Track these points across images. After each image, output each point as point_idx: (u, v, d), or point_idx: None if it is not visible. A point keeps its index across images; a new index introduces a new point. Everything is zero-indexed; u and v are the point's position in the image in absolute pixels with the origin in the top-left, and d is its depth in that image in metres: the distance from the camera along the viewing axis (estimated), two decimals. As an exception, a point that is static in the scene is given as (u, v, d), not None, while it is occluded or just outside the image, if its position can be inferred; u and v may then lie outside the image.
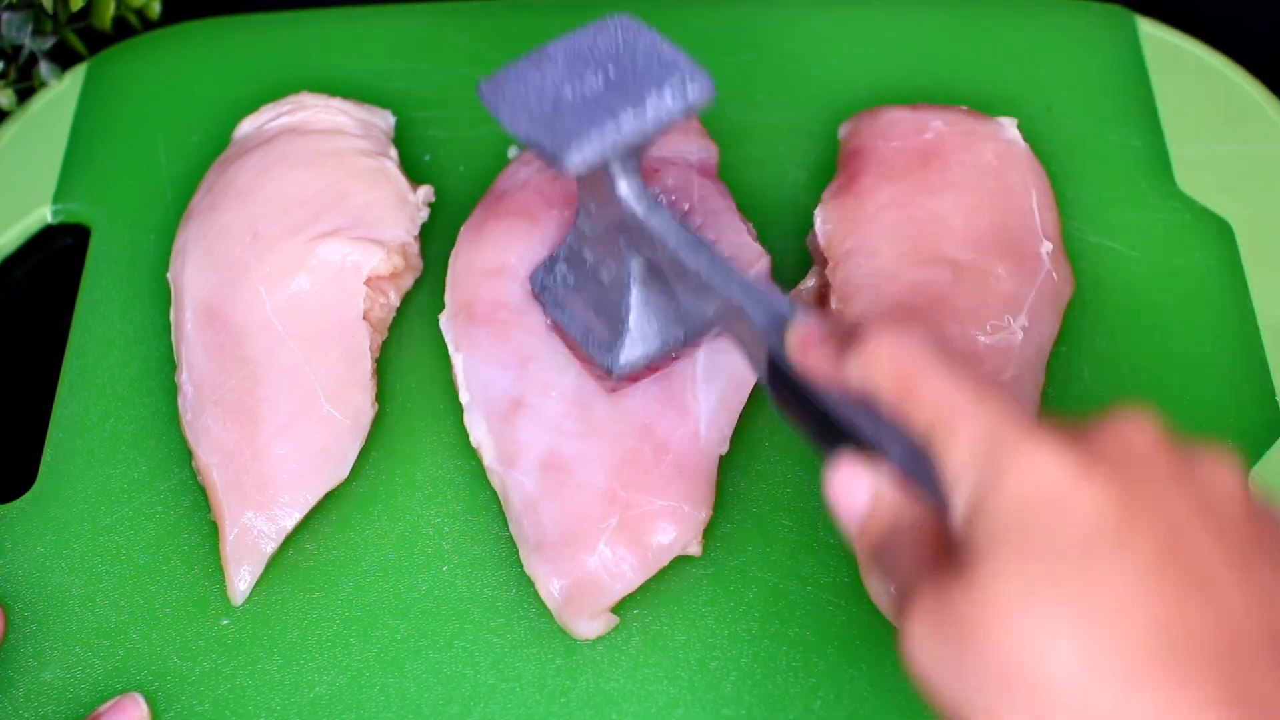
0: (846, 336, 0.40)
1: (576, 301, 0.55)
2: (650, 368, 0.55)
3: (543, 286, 0.57)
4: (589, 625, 0.52)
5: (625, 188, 0.50)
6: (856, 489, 0.40)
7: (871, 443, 0.39)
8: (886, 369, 0.39)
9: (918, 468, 0.38)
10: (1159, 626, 0.33)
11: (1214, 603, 0.33)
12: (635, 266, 0.52)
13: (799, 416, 0.43)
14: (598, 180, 0.50)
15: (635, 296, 0.53)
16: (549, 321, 0.57)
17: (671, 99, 0.48)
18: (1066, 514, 0.34)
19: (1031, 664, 0.33)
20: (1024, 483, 0.35)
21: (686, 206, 0.59)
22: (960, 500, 0.36)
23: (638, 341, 0.53)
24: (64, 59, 0.74)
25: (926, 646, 0.36)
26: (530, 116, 0.48)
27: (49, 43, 0.72)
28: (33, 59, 0.73)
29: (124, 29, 0.76)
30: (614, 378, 0.54)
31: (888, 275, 0.57)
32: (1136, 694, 0.32)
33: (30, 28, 0.71)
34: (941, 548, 0.38)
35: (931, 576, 0.36)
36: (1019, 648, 0.33)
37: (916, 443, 0.38)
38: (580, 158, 0.47)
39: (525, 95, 0.49)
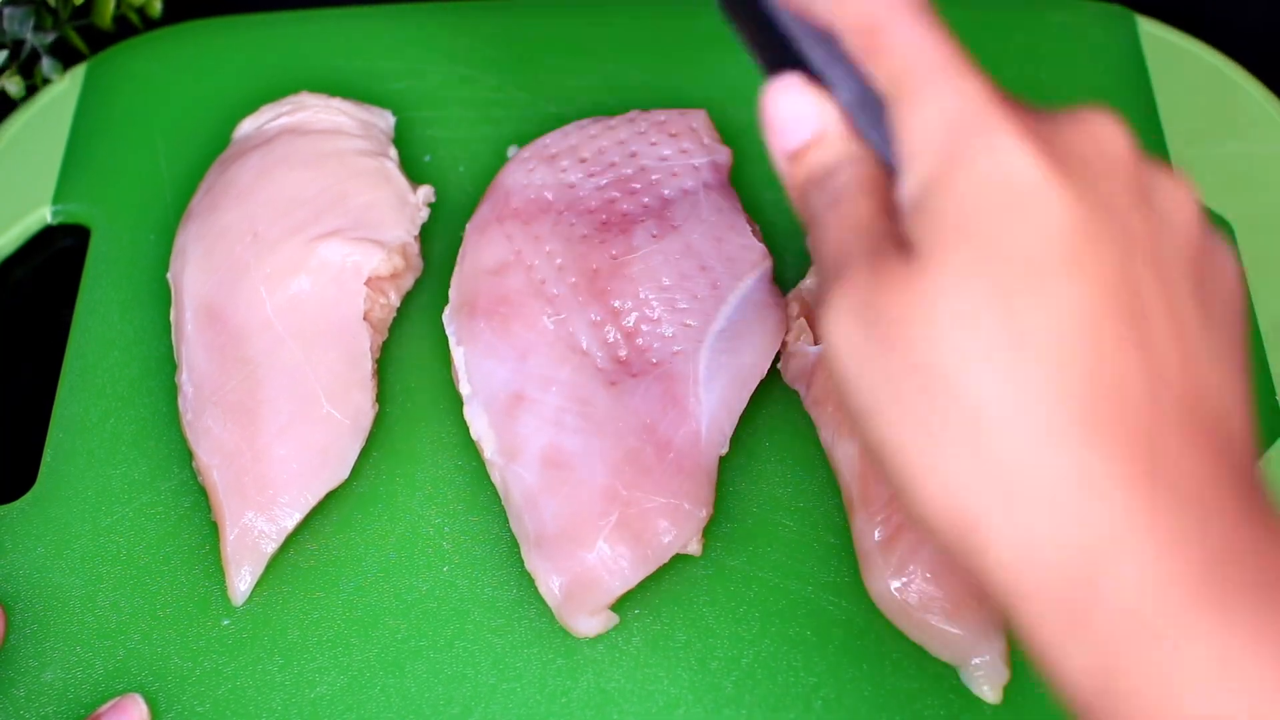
0: None
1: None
2: None
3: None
4: (588, 622, 0.52)
5: None
6: (800, 113, 0.36)
7: (821, 74, 0.35)
8: (853, 10, 0.35)
9: (871, 120, 0.35)
10: (1091, 377, 0.31)
11: (1146, 359, 0.32)
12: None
13: (748, 29, 0.38)
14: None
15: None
16: None
17: None
18: (1026, 218, 0.32)
19: (956, 383, 0.31)
20: (985, 173, 0.32)
21: (689, 267, 0.57)
22: (913, 179, 0.33)
23: None
24: (65, 56, 0.74)
25: (849, 337, 0.33)
26: None
27: (50, 39, 0.72)
28: (34, 55, 0.73)
29: (125, 27, 0.76)
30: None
31: None
32: (1053, 445, 0.31)
33: (32, 23, 0.71)
34: (882, 213, 0.35)
35: (869, 250, 0.33)
36: (947, 363, 0.31)
37: (873, 93, 0.34)
38: None
39: None
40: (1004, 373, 0.31)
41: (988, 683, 0.50)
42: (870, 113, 0.35)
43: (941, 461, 0.32)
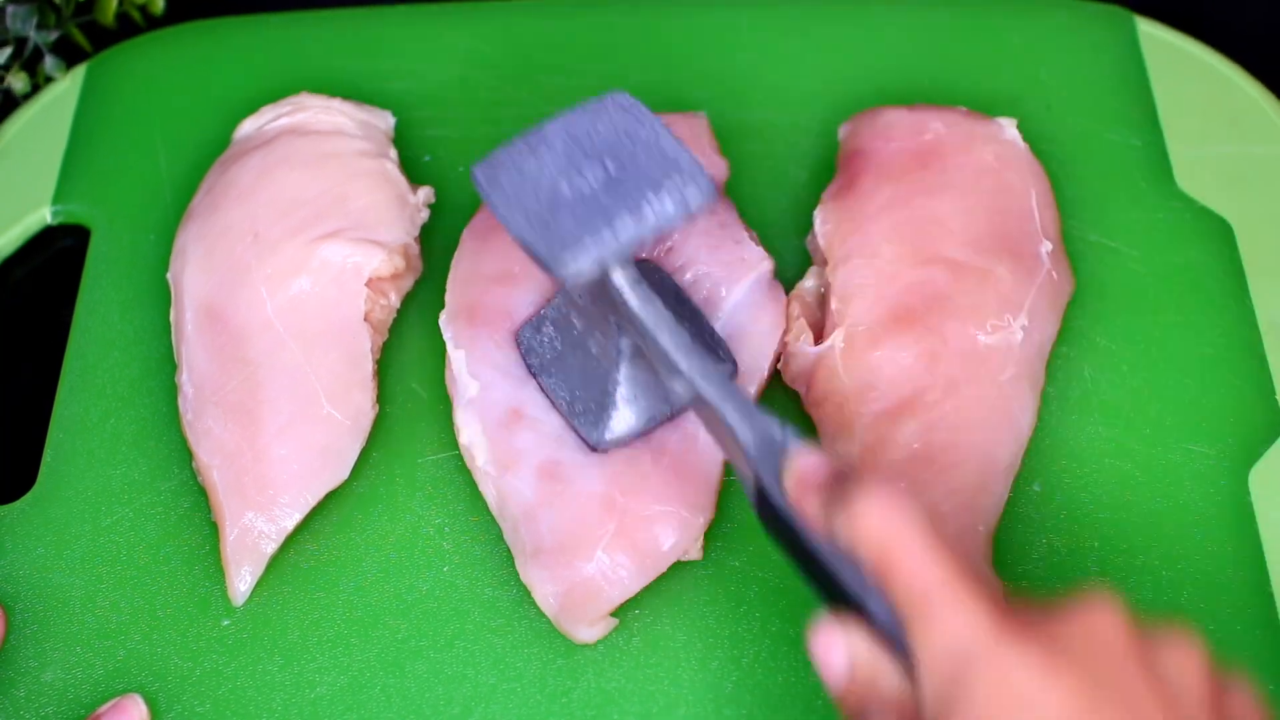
0: (839, 484, 0.40)
1: (563, 367, 0.54)
2: (633, 440, 0.54)
3: (529, 348, 0.56)
4: (588, 631, 0.52)
5: (620, 278, 0.47)
6: (835, 651, 0.40)
7: (855, 596, 0.39)
8: (870, 536, 0.39)
9: (900, 632, 0.38)
10: None
11: None
12: (625, 344, 0.51)
13: (787, 545, 0.42)
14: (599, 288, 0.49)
15: (624, 373, 0.52)
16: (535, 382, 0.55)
17: (672, 205, 0.46)
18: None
19: None
20: (989, 692, 0.35)
21: (688, 276, 0.58)
22: (929, 699, 0.36)
23: (624, 416, 0.53)
24: (68, 54, 0.74)
25: None
26: (527, 214, 0.46)
27: (53, 36, 0.72)
28: (37, 53, 0.73)
29: (127, 24, 0.76)
30: (598, 449, 0.53)
31: (888, 275, 0.57)
32: None
33: (35, 21, 0.71)
34: None
35: None
36: None
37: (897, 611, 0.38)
38: (575, 268, 0.45)
39: (521, 186, 0.47)
40: None
41: None
42: (901, 625, 0.38)
43: None
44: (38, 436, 0.60)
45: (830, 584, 0.40)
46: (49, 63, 0.72)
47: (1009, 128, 0.62)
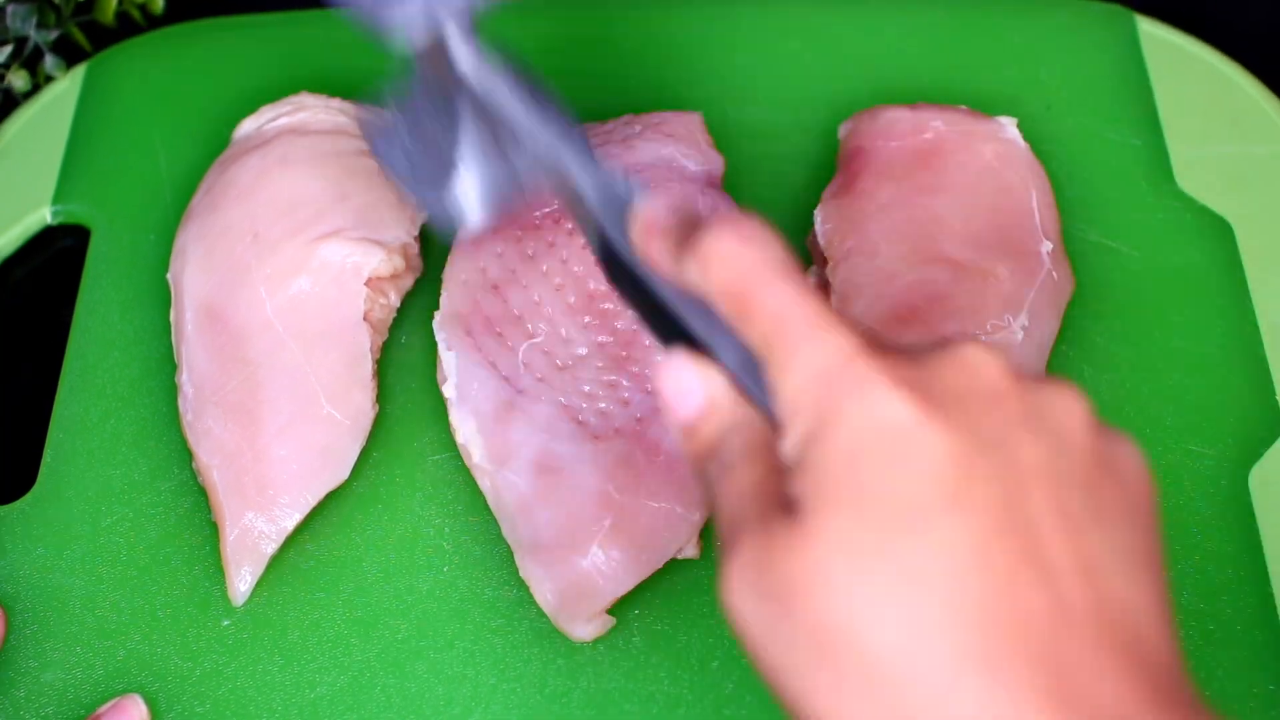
0: (689, 228, 0.37)
1: (402, 135, 0.51)
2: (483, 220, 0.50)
3: (362, 124, 0.52)
4: (585, 628, 0.52)
5: (463, 55, 0.45)
6: (689, 389, 0.37)
7: (705, 343, 0.36)
8: (722, 276, 0.35)
9: (754, 379, 0.35)
10: (986, 608, 0.31)
11: (1045, 582, 0.31)
12: (469, 123, 0.48)
13: (634, 302, 0.40)
14: (435, 52, 0.46)
15: (465, 139, 0.48)
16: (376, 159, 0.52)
17: None
18: (903, 464, 0.32)
19: (850, 637, 0.31)
20: (858, 424, 0.32)
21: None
22: (792, 438, 0.34)
23: (469, 189, 0.48)
24: (68, 53, 0.74)
25: (746, 599, 0.33)
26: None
27: (53, 36, 0.72)
28: (37, 52, 0.73)
29: (127, 24, 0.76)
30: (449, 227, 0.49)
31: (888, 275, 0.57)
32: (958, 682, 0.30)
33: (35, 20, 0.71)
34: (771, 475, 0.35)
35: (758, 517, 0.34)
36: (839, 618, 0.31)
37: (753, 355, 0.35)
38: (404, 15, 0.44)
39: None
40: (897, 619, 0.31)
41: None
42: (754, 373, 0.35)
43: (846, 714, 0.31)
44: (38, 436, 0.60)
45: (681, 336, 0.37)
46: (49, 62, 0.72)
47: (1009, 127, 0.62)
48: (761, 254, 0.35)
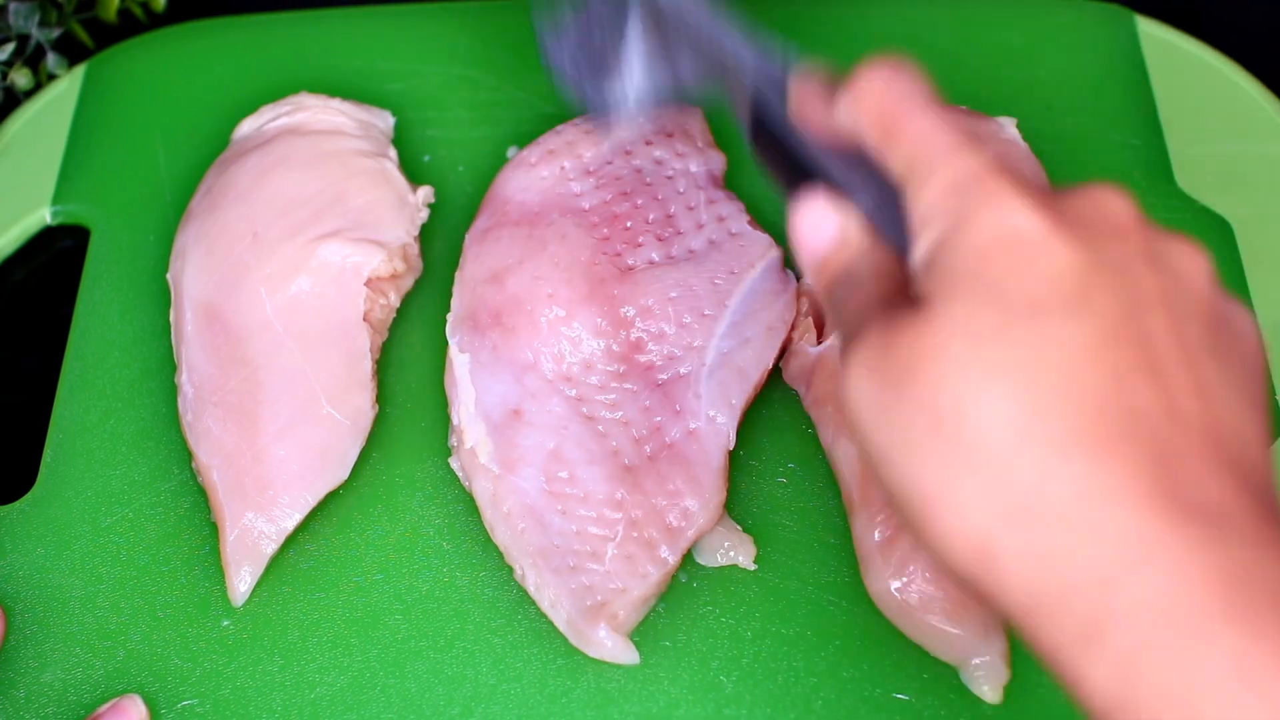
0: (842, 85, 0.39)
1: (573, 43, 0.54)
2: (641, 112, 0.53)
3: (549, 51, 0.55)
4: (603, 643, 0.50)
5: None
6: (823, 224, 0.39)
7: (842, 187, 0.39)
8: (872, 105, 0.38)
9: (888, 218, 0.38)
10: (1097, 398, 0.32)
11: (1158, 386, 0.33)
12: (635, 13, 0.51)
13: (778, 168, 0.42)
14: None
15: (632, 40, 0.51)
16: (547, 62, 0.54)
17: None
18: (1029, 265, 0.33)
19: (963, 414, 0.32)
20: (990, 228, 0.34)
21: (693, 266, 0.58)
22: (923, 243, 0.35)
23: (629, 83, 0.52)
24: (70, 51, 0.74)
25: (863, 387, 0.35)
26: None
27: (55, 33, 0.72)
28: (39, 51, 0.73)
29: (129, 22, 0.76)
30: (611, 120, 0.53)
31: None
32: (1060, 460, 0.32)
33: (37, 18, 0.71)
34: (899, 291, 0.37)
35: (883, 312, 0.36)
36: (954, 395, 0.33)
37: (891, 192, 0.37)
38: None
39: None
40: (1009, 396, 0.32)
41: (988, 682, 0.50)
42: (888, 212, 0.38)
43: (955, 491, 0.33)
44: (37, 437, 0.60)
45: (810, 182, 0.40)
46: (51, 60, 0.72)
47: (1009, 127, 0.62)
48: (910, 85, 0.38)
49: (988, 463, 0.32)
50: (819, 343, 0.57)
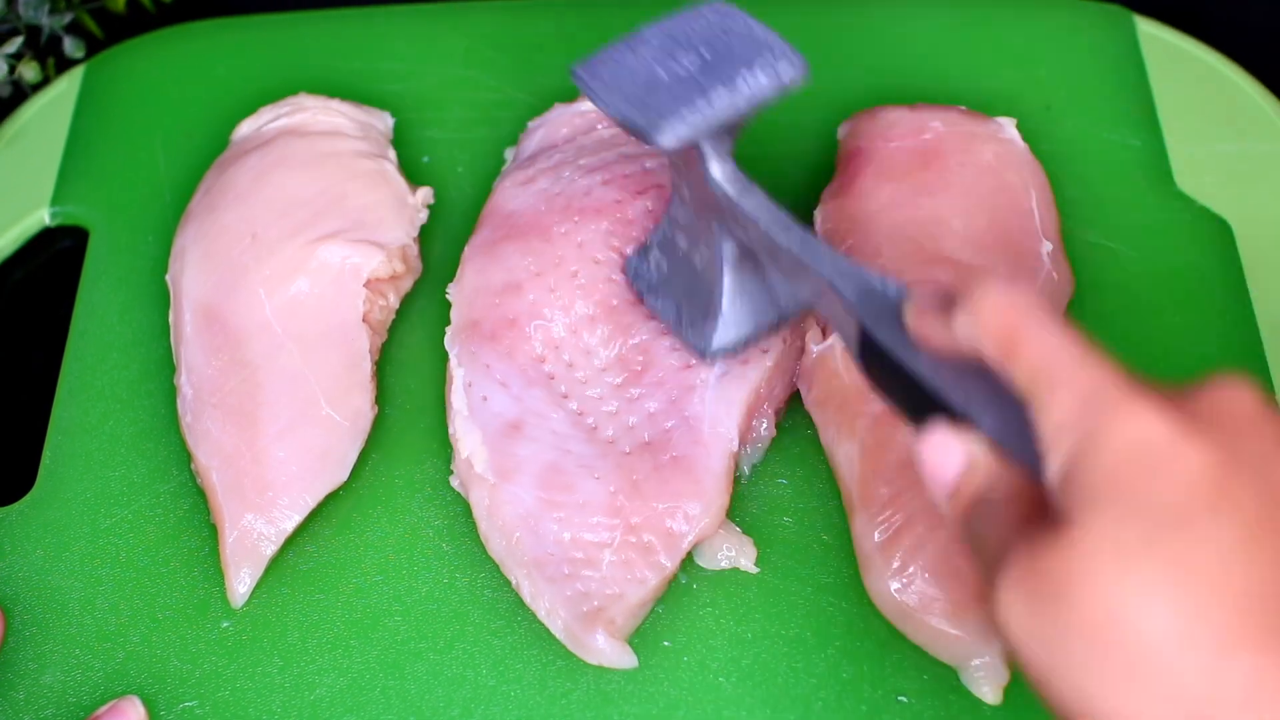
0: (955, 299, 0.40)
1: (670, 288, 0.56)
2: (744, 348, 0.55)
3: (636, 274, 0.57)
4: (601, 648, 0.50)
5: (718, 169, 0.50)
6: (950, 455, 0.40)
7: (963, 412, 0.39)
8: (991, 321, 0.38)
9: (1012, 436, 0.38)
10: (1254, 593, 0.33)
11: None
12: (728, 250, 0.53)
13: (890, 389, 0.43)
14: (690, 161, 0.51)
15: (728, 280, 0.53)
16: (644, 305, 0.57)
17: (764, 77, 0.49)
18: (1166, 474, 0.34)
19: (1124, 626, 0.33)
20: (1123, 441, 0.35)
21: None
22: (1057, 459, 0.36)
23: (730, 325, 0.54)
24: (80, 37, 0.74)
25: (1019, 611, 0.35)
26: (624, 96, 0.49)
27: (66, 20, 0.73)
28: (54, 38, 0.73)
29: (136, 10, 0.76)
30: (707, 360, 0.55)
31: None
32: (1229, 661, 0.32)
33: (47, 8, 0.72)
34: (1036, 513, 0.37)
35: (1024, 540, 0.36)
36: (1112, 609, 0.33)
37: (1013, 408, 0.38)
38: (674, 134, 0.48)
39: (619, 76, 0.50)
40: (1166, 606, 0.33)
41: (988, 684, 0.50)
42: (1014, 430, 0.38)
43: (1128, 707, 0.33)
44: (36, 439, 0.60)
45: (937, 409, 0.41)
46: (68, 44, 0.72)
47: (1009, 127, 0.62)
48: (1027, 301, 0.38)
49: (1156, 675, 0.33)
50: (824, 340, 0.56)
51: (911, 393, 0.42)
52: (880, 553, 0.51)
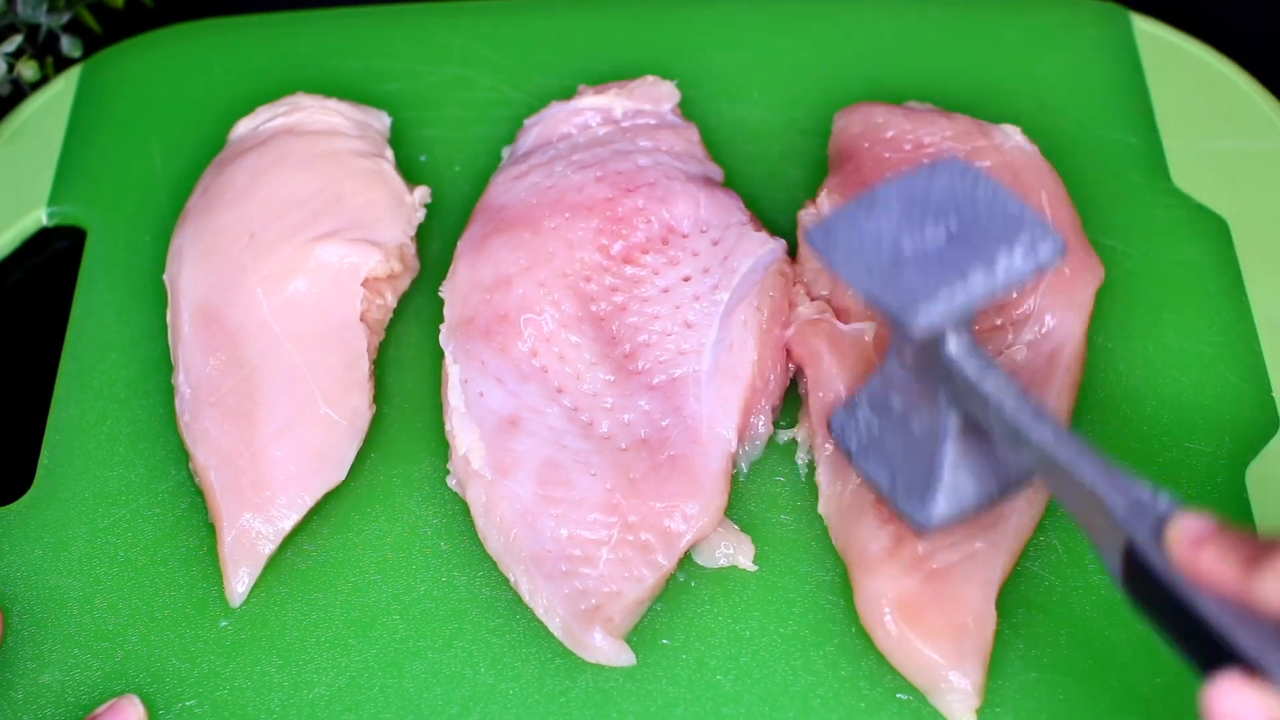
0: (1255, 546, 0.37)
1: (883, 450, 0.51)
2: (966, 520, 0.50)
3: (843, 431, 0.53)
4: (599, 646, 0.50)
5: (956, 346, 0.46)
6: (1246, 710, 0.37)
7: (1254, 661, 0.37)
8: None
9: None
10: None
11: None
12: (954, 420, 0.48)
13: (1160, 613, 0.40)
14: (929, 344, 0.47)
15: (951, 451, 0.48)
16: (854, 469, 0.53)
17: (1023, 259, 0.44)
18: None
19: None
20: None
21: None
22: None
23: (951, 496, 0.49)
24: (79, 36, 0.74)
25: None
26: (869, 268, 0.45)
27: (65, 18, 0.72)
28: (52, 36, 0.73)
29: (135, 7, 0.77)
30: (925, 534, 0.50)
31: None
32: None
33: (45, 6, 0.72)
34: None
35: None
36: None
37: None
38: (928, 320, 0.44)
39: (860, 243, 0.46)
40: None
41: (960, 705, 0.49)
42: None
43: None
44: (35, 438, 0.60)
45: (1217, 646, 0.38)
46: (65, 43, 0.72)
47: (1015, 135, 0.61)
48: None
49: None
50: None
51: (1185, 623, 0.38)
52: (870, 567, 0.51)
